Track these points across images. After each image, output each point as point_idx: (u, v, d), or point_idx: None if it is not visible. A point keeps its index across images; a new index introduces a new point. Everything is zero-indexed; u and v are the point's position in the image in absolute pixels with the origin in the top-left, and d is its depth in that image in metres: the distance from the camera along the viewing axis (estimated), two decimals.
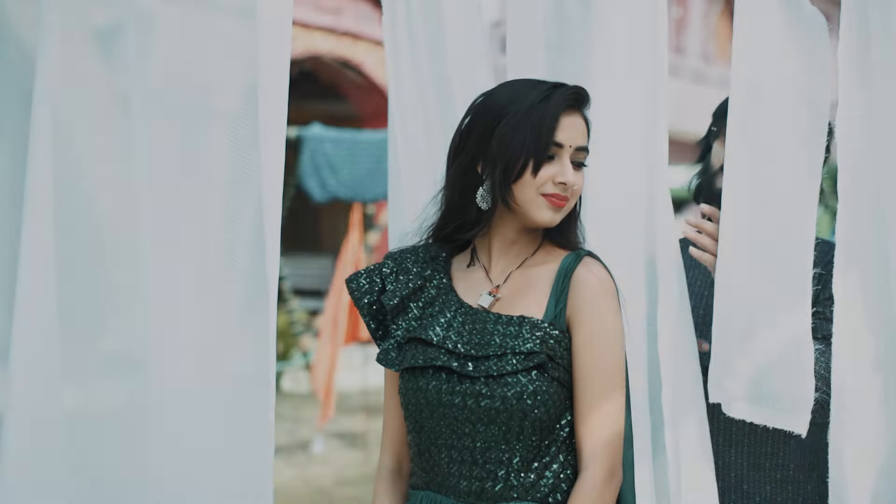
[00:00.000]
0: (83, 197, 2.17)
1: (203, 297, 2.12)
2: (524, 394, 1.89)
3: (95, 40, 2.14)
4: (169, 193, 2.13)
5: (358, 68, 14.41)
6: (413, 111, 2.37)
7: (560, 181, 1.93)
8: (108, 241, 2.19)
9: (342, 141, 8.53)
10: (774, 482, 2.24)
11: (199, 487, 2.09)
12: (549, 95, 1.93)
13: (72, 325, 2.14)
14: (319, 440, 8.56)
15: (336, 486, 7.45)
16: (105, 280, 2.15)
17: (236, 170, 2.09)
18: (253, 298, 2.06)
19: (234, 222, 2.10)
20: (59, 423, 2.10)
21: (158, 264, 2.12)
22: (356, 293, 2.05)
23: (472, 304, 2.00)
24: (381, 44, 11.97)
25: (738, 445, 2.24)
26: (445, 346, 1.94)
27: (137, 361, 2.12)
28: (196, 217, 2.13)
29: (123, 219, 2.17)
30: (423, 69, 2.36)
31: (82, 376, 2.17)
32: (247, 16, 2.06)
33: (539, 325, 1.92)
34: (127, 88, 2.15)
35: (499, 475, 1.91)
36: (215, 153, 2.13)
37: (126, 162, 2.15)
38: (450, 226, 2.03)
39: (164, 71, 2.13)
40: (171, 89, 2.13)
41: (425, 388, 1.95)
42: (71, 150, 2.16)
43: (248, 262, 2.08)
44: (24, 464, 2.07)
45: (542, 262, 2.01)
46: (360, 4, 14.47)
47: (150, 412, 2.10)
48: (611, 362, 1.92)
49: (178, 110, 2.12)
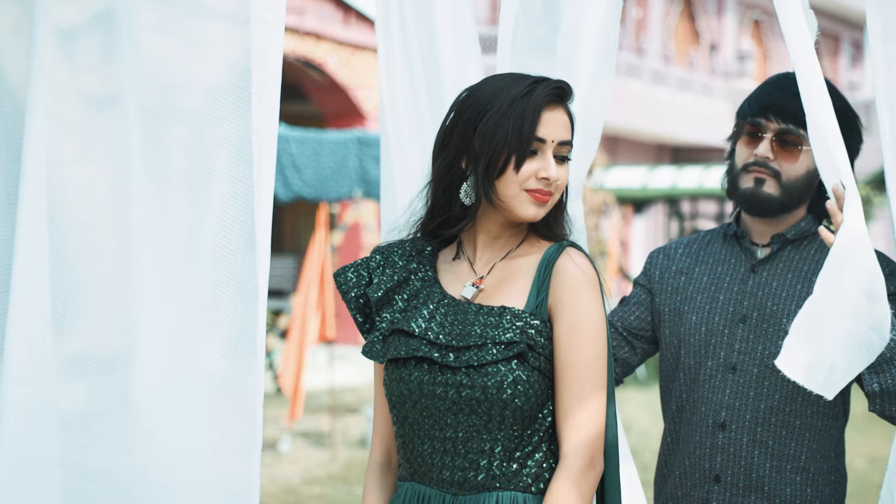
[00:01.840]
0: (53, 197, 2.17)
1: (175, 296, 2.13)
2: (504, 383, 1.90)
3: (60, 40, 2.15)
4: (137, 194, 2.12)
5: (321, 68, 14.41)
6: (406, 113, 2.38)
7: (543, 176, 1.94)
8: (79, 241, 2.19)
9: (306, 141, 8.53)
10: (794, 484, 2.27)
11: (184, 487, 2.09)
12: (532, 90, 1.94)
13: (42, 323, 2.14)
14: (287, 439, 8.56)
15: (303, 484, 7.47)
16: (84, 280, 2.16)
17: (202, 170, 2.09)
18: (223, 298, 2.06)
19: (200, 222, 2.10)
20: (52, 420, 2.09)
21: (134, 263, 2.12)
22: (343, 287, 2.06)
23: (457, 297, 2.01)
24: (343, 44, 11.95)
25: (762, 447, 2.26)
26: (427, 337, 1.96)
27: (115, 360, 2.13)
28: (164, 217, 2.13)
29: (91, 219, 2.16)
30: (416, 72, 2.38)
31: (62, 373, 2.17)
32: (212, 15, 2.08)
33: (520, 315, 1.93)
34: (91, 89, 2.16)
35: (481, 465, 1.92)
36: (179, 154, 2.13)
37: (92, 162, 2.15)
38: (435, 220, 2.04)
39: (128, 71, 2.14)
40: (135, 90, 2.13)
41: (408, 379, 1.96)
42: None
43: (212, 260, 2.08)
44: (16, 460, 2.06)
45: (525, 253, 2.02)
46: (322, 5, 14.48)
47: (132, 411, 2.10)
48: (592, 352, 1.93)
49: (142, 111, 2.12)
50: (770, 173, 2.28)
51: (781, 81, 2.31)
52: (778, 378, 2.24)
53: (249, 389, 2.05)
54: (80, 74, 2.16)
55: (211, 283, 2.09)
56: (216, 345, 2.10)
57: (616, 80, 20.13)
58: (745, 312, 2.31)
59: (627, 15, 22.36)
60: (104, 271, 2.15)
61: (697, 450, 2.31)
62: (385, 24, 2.38)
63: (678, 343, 2.36)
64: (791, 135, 2.27)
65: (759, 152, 2.28)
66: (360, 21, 14.86)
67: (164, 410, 2.11)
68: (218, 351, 2.10)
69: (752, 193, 2.29)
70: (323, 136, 8.80)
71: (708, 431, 2.30)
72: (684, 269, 2.42)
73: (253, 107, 2.02)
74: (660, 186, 17.06)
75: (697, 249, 2.44)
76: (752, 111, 2.31)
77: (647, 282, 2.47)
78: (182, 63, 2.13)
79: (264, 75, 2.02)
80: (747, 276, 2.34)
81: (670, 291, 2.40)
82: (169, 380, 2.11)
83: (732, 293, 2.33)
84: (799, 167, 2.28)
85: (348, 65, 14.66)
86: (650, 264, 2.49)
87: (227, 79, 2.06)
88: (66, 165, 2.16)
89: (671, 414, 2.39)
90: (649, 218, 21.70)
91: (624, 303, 2.49)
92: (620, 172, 17.22)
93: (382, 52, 2.40)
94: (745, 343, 2.29)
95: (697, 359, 2.33)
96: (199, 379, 2.11)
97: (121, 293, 2.13)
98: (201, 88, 2.10)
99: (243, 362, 2.05)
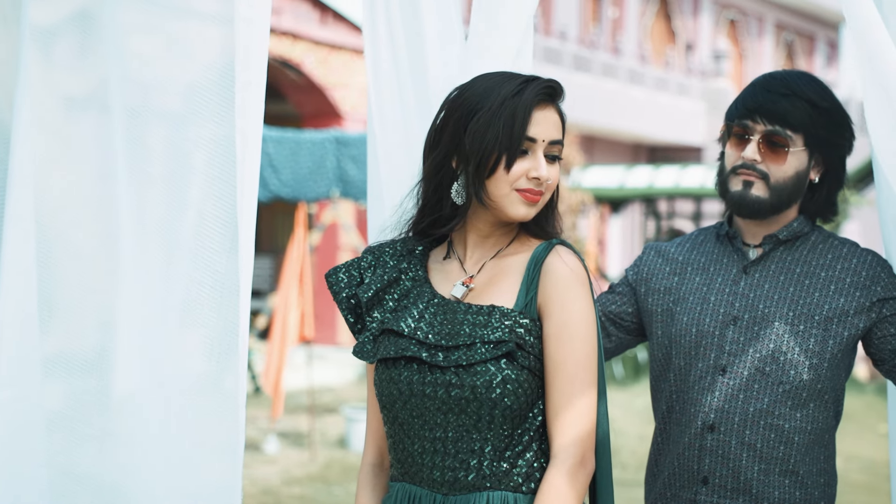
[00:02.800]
0: (37, 198, 2.16)
1: (156, 297, 2.12)
2: (493, 382, 1.89)
3: (36, 40, 2.13)
4: (118, 194, 2.12)
5: (298, 68, 14.38)
6: (392, 114, 2.36)
7: (534, 176, 1.94)
8: (61, 241, 2.18)
9: (284, 141, 8.50)
10: (783, 487, 2.26)
11: (166, 488, 2.08)
12: (522, 90, 1.93)
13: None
14: (273, 440, 8.53)
15: (283, 485, 7.45)
16: (65, 280, 2.14)
17: (183, 170, 2.09)
18: (204, 299, 2.06)
19: (181, 222, 2.10)
20: (40, 421, 2.08)
21: (116, 263, 2.11)
22: (335, 287, 2.05)
23: (447, 296, 2.01)
24: (320, 43, 11.93)
25: (750, 449, 2.26)
26: (416, 336, 1.95)
27: (96, 360, 2.12)
28: (146, 217, 2.12)
29: (73, 219, 2.15)
30: (403, 72, 2.36)
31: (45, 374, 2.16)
32: (195, 15, 2.08)
33: (509, 314, 1.93)
34: (68, 88, 2.14)
35: (471, 465, 1.92)
36: (161, 154, 2.13)
37: (73, 162, 2.14)
38: (426, 220, 2.03)
39: (109, 71, 2.13)
40: (117, 90, 2.12)
41: (397, 379, 1.96)
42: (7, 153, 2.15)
43: (192, 261, 2.07)
44: (2, 461, 2.05)
45: (515, 251, 2.01)
46: (299, 4, 14.44)
47: (114, 411, 2.09)
48: (581, 350, 1.92)
49: (124, 111, 2.11)
50: (758, 175, 2.27)
51: (768, 82, 2.30)
52: (768, 381, 2.25)
53: (231, 390, 2.04)
54: (57, 74, 2.15)
55: (191, 283, 2.09)
56: (197, 345, 2.10)
57: (592, 79, 20.25)
58: (737, 314, 2.30)
59: (604, 15, 22.42)
60: (85, 272, 2.14)
61: (686, 451, 2.31)
62: (371, 24, 2.38)
63: (669, 343, 2.35)
64: (778, 136, 2.26)
65: (747, 155, 2.28)
66: (338, 21, 14.84)
67: (146, 411, 2.10)
68: (199, 351, 2.10)
69: (740, 196, 2.29)
70: (300, 135, 8.77)
71: (697, 433, 2.29)
72: (677, 270, 2.41)
73: (237, 106, 2.02)
74: (637, 186, 17.11)
75: (690, 249, 2.44)
76: (739, 113, 2.30)
77: (636, 277, 2.46)
78: (164, 63, 2.13)
79: (248, 74, 2.02)
80: (739, 277, 2.34)
81: (663, 292, 2.40)
82: (150, 380, 2.10)
83: (724, 294, 2.33)
84: (787, 168, 2.27)
85: (325, 64, 14.63)
86: (642, 261, 2.48)
87: (211, 78, 2.05)
88: (46, 165, 2.15)
89: (661, 414, 2.39)
90: (626, 217, 21.77)
91: (610, 290, 2.49)
92: (597, 172, 17.26)
93: (369, 53, 2.39)
94: (735, 345, 2.28)
95: (688, 360, 2.32)
96: (180, 379, 2.10)
97: (102, 293, 2.12)
98: (183, 88, 2.09)
99: (224, 363, 2.05)
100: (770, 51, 27.24)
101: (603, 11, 22.45)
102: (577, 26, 21.56)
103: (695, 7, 24.65)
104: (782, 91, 2.25)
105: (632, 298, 2.45)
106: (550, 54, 19.47)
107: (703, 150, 22.88)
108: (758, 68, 26.45)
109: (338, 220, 9.79)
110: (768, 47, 27.15)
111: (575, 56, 20.22)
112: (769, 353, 2.25)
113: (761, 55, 26.90)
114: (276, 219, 15.78)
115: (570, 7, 21.41)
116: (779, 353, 2.25)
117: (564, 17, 21.15)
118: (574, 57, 20.17)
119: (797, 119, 2.25)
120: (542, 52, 18.99)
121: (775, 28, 27.50)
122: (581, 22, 21.79)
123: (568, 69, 19.39)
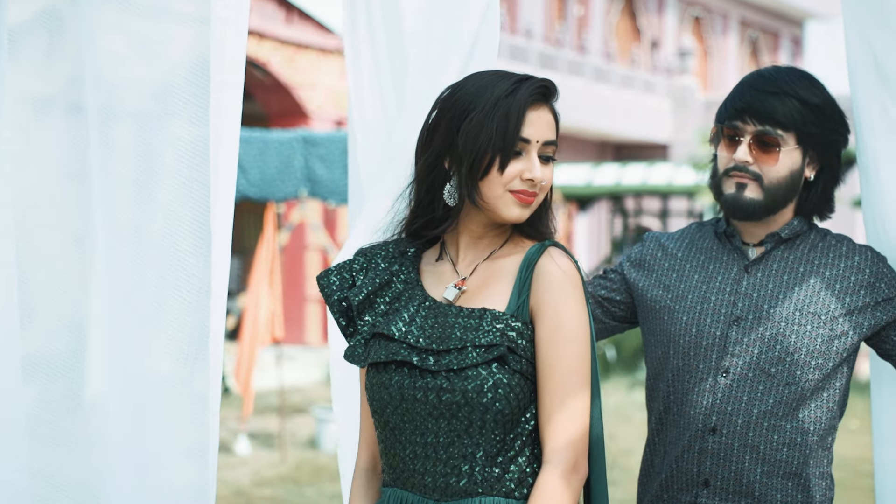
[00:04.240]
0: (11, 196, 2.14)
1: (126, 298, 2.10)
2: (484, 387, 1.86)
3: (5, 39, 2.12)
4: (87, 194, 2.10)
5: (264, 67, 14.32)
6: (373, 116, 2.34)
7: (528, 177, 1.91)
8: (31, 243, 2.16)
9: (252, 140, 8.45)
10: (786, 490, 2.24)
11: (138, 489, 2.07)
12: (516, 90, 1.90)
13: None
14: (243, 441, 8.49)
15: (254, 486, 7.42)
16: (35, 283, 2.13)
17: (153, 170, 2.07)
18: (173, 300, 2.05)
19: (150, 223, 2.09)
20: (20, 424, 2.06)
21: (86, 265, 2.10)
22: (326, 290, 2.02)
23: (439, 298, 1.98)
24: (286, 42, 11.89)
25: (753, 451, 2.22)
26: (407, 340, 1.92)
27: (66, 363, 2.10)
28: (116, 218, 2.11)
29: (42, 220, 2.13)
30: (384, 74, 2.34)
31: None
32: (168, 15, 2.06)
33: (500, 317, 1.90)
34: (37, 88, 2.13)
35: (463, 470, 1.89)
36: (131, 154, 2.11)
37: (40, 162, 2.12)
38: (418, 221, 2.00)
39: (79, 71, 2.11)
40: (88, 89, 2.11)
41: (388, 384, 1.93)
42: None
43: (161, 262, 2.06)
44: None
45: (508, 253, 1.98)
46: (264, 4, 14.38)
47: (85, 413, 2.08)
48: (574, 353, 1.89)
49: (95, 111, 2.10)
50: (751, 177, 2.23)
51: (756, 81, 2.25)
52: (773, 382, 2.22)
53: (201, 392, 2.03)
54: (26, 74, 2.14)
55: (162, 285, 2.07)
56: (167, 347, 2.08)
57: (558, 77, 20.29)
58: (740, 314, 2.26)
59: (569, 13, 22.49)
60: (56, 273, 2.13)
61: (685, 453, 2.27)
62: (352, 27, 2.36)
63: (667, 342, 2.31)
64: (768, 136, 2.21)
65: (738, 156, 2.23)
66: (303, 20, 14.79)
67: (116, 413, 2.09)
68: (169, 353, 2.08)
69: (734, 199, 2.25)
70: (268, 135, 8.73)
71: (697, 435, 2.25)
72: (675, 266, 2.37)
73: (212, 107, 2.01)
74: (604, 184, 17.18)
75: (689, 244, 2.39)
76: (729, 114, 2.25)
77: (638, 266, 2.41)
78: (137, 62, 2.11)
79: (223, 75, 2.01)
80: (740, 276, 2.29)
81: (662, 288, 2.35)
82: (120, 382, 2.09)
83: (725, 294, 2.28)
84: (780, 168, 2.23)
85: (291, 64, 14.58)
86: (645, 250, 2.43)
87: (185, 77, 2.04)
88: (17, 165, 2.13)
89: (657, 413, 2.35)
90: (593, 215, 21.85)
91: (602, 275, 2.45)
92: (564, 170, 17.31)
93: (349, 54, 2.37)
94: (738, 346, 2.24)
95: (686, 360, 2.28)
96: (150, 382, 2.09)
97: (73, 295, 2.11)
98: (156, 88, 2.08)
99: (194, 365, 2.03)
100: (735, 48, 27.44)
101: (568, 9, 22.51)
102: (543, 24, 21.61)
103: (660, 4, 24.78)
104: (770, 89, 2.21)
105: (623, 286, 2.41)
106: (516, 52, 19.50)
107: (669, 147, 23.01)
108: (723, 65, 26.64)
109: (306, 220, 9.77)
110: (733, 44, 27.34)
111: (540, 54, 20.26)
112: (774, 354, 2.22)
113: (726, 52, 27.09)
114: (244, 219, 15.71)
115: (536, 5, 21.46)
116: (784, 354, 2.21)
117: (530, 14, 21.19)
118: (539, 55, 20.22)
119: (787, 117, 2.20)
120: (507, 50, 19.02)
121: (740, 25, 27.70)
122: (546, 20, 21.85)
123: (533, 67, 19.42)
